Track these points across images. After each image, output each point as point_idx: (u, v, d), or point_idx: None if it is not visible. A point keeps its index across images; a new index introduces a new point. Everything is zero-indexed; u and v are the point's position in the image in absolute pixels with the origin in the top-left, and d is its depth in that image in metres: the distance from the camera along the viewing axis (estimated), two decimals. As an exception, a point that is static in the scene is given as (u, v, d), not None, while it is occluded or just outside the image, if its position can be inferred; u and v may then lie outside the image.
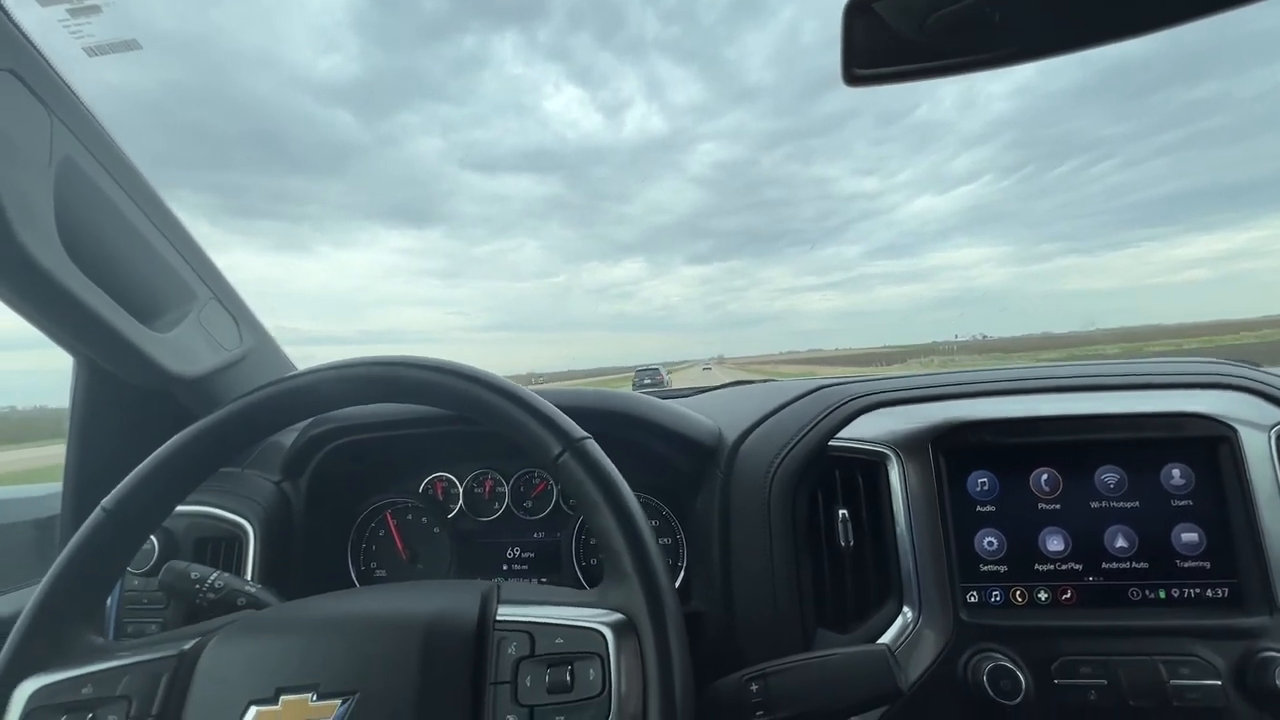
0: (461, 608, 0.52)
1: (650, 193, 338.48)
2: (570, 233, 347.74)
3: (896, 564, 0.75)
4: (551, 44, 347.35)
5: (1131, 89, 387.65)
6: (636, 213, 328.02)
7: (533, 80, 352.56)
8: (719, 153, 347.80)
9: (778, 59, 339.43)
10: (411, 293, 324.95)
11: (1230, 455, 0.72)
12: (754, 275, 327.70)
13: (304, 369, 0.63)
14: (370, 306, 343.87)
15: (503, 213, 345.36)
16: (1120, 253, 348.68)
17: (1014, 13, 0.57)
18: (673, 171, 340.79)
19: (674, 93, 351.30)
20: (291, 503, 0.95)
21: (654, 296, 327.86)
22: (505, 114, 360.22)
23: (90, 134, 0.75)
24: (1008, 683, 0.65)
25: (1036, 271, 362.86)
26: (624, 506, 0.53)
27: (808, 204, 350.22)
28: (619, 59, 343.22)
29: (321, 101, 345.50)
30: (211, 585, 0.70)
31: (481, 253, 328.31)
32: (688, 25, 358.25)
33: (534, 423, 0.57)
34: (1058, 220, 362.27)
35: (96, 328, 0.75)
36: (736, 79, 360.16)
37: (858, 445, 0.79)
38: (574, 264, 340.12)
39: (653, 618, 0.50)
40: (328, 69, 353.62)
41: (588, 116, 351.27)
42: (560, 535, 0.99)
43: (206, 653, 0.51)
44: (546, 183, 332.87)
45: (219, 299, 0.97)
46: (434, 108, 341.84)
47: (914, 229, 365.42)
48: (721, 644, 0.79)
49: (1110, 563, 0.73)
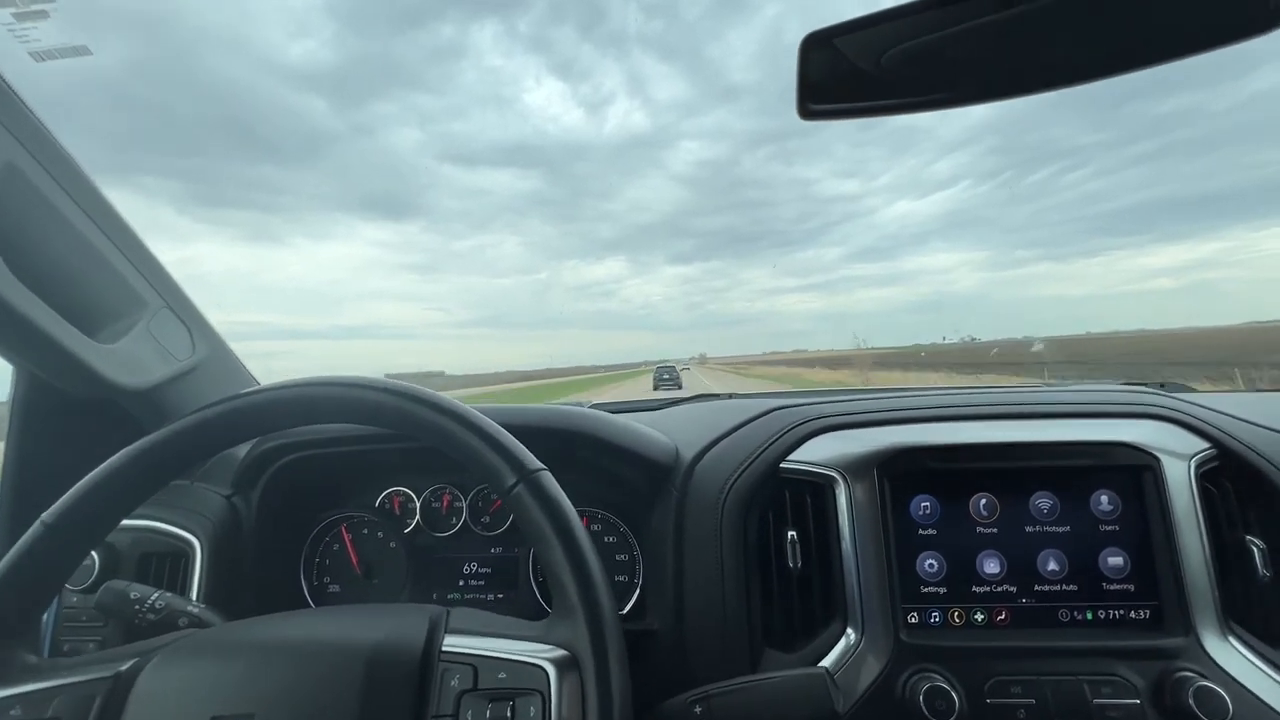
0: (407, 636, 0.52)
1: (632, 190, 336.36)
2: (551, 229, 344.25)
3: (841, 585, 0.77)
4: (532, 35, 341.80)
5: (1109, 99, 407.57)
6: (618, 210, 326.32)
7: (513, 72, 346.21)
8: (702, 151, 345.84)
9: (761, 58, 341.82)
10: (389, 287, 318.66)
11: (1154, 483, 0.76)
12: (735, 276, 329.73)
13: (259, 386, 0.63)
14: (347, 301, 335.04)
15: (483, 207, 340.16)
16: (1092, 260, 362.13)
17: (969, 54, 0.60)
18: (655, 169, 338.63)
19: (657, 89, 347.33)
20: (242, 517, 0.93)
21: (635, 295, 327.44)
22: (485, 106, 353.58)
23: (35, 140, 0.73)
24: (942, 703, 0.68)
25: (1010, 277, 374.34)
26: (574, 541, 0.54)
27: (789, 205, 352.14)
28: (601, 53, 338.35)
29: (294, 87, 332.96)
30: (151, 606, 0.69)
31: (461, 248, 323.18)
32: (671, 20, 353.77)
33: (489, 451, 0.57)
34: (1033, 227, 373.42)
35: (35, 339, 0.73)
36: (720, 77, 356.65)
37: (808, 468, 0.81)
38: (555, 261, 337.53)
39: (596, 656, 0.50)
40: (300, 54, 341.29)
41: (569, 111, 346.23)
42: (518, 551, 0.99)
43: (143, 676, 0.50)
44: (527, 178, 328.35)
45: (171, 307, 0.94)
46: (411, 97, 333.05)
47: (893, 233, 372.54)
48: (672, 662, 0.80)
49: (1042, 585, 0.76)
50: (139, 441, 0.59)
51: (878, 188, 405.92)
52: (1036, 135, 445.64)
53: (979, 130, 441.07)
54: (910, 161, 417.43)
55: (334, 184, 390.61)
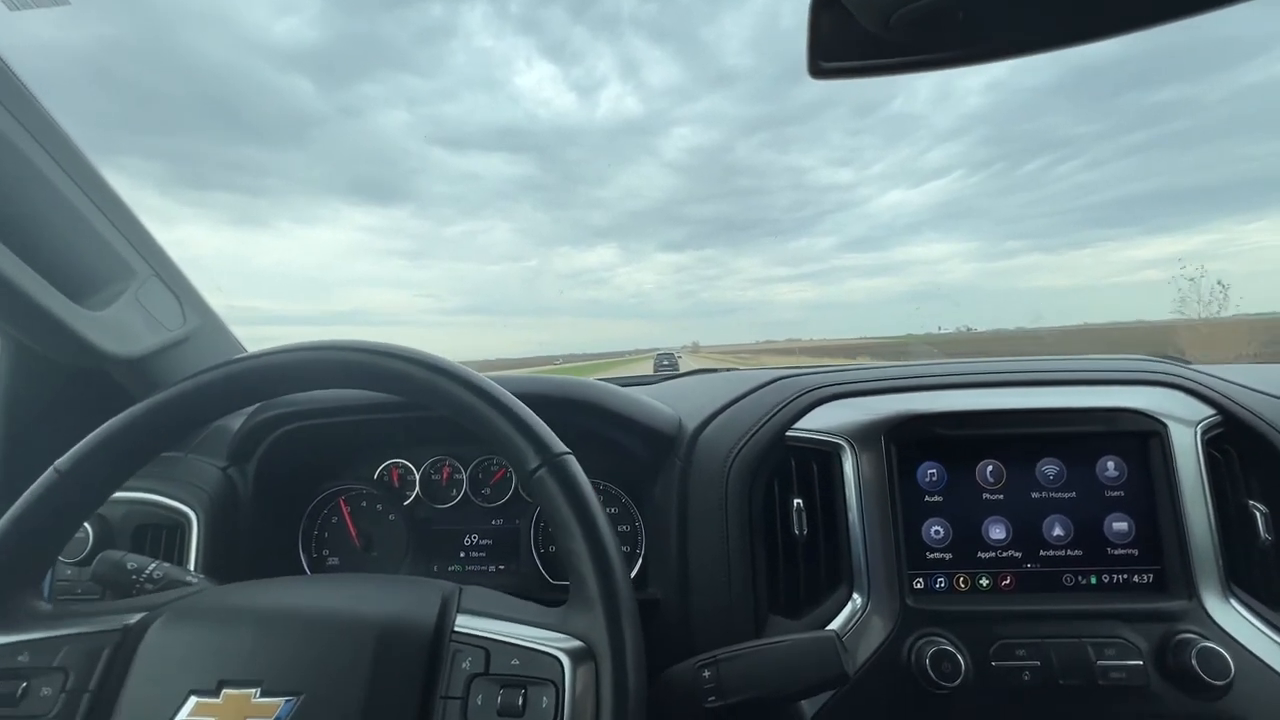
0: (419, 613, 0.51)
1: (625, 177, 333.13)
2: (543, 216, 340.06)
3: (848, 552, 0.77)
4: (523, 16, 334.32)
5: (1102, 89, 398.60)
6: (611, 197, 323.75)
7: (504, 54, 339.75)
8: (695, 138, 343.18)
9: (756, 42, 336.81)
10: (378, 273, 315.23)
11: (1160, 449, 0.76)
12: (728, 264, 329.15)
13: (274, 346, 0.60)
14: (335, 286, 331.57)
15: (473, 193, 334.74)
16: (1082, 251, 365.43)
17: (979, 12, 0.58)
18: (648, 155, 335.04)
19: (650, 73, 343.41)
20: (238, 489, 0.92)
21: (627, 283, 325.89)
22: (475, 88, 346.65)
23: (18, 103, 0.70)
24: (948, 665, 0.68)
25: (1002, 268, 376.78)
26: (596, 531, 0.52)
27: (782, 193, 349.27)
28: (594, 35, 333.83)
29: (279, 67, 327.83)
30: (149, 576, 0.68)
31: (451, 234, 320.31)
32: (665, 3, 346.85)
33: (514, 431, 0.55)
34: (1024, 218, 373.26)
35: (21, 305, 0.71)
36: (714, 62, 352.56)
37: (814, 435, 0.81)
38: (546, 248, 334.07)
39: (614, 651, 0.48)
40: (285, 32, 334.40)
41: (561, 95, 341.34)
42: (519, 522, 0.98)
43: (151, 632, 0.49)
44: (518, 163, 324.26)
45: (160, 276, 0.92)
46: (399, 78, 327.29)
47: (886, 222, 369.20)
48: (676, 630, 0.80)
49: (1047, 550, 0.76)
50: (151, 398, 0.57)
51: (871, 176, 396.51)
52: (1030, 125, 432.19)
53: (972, 119, 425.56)
54: (905, 150, 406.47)
55: (320, 167, 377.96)
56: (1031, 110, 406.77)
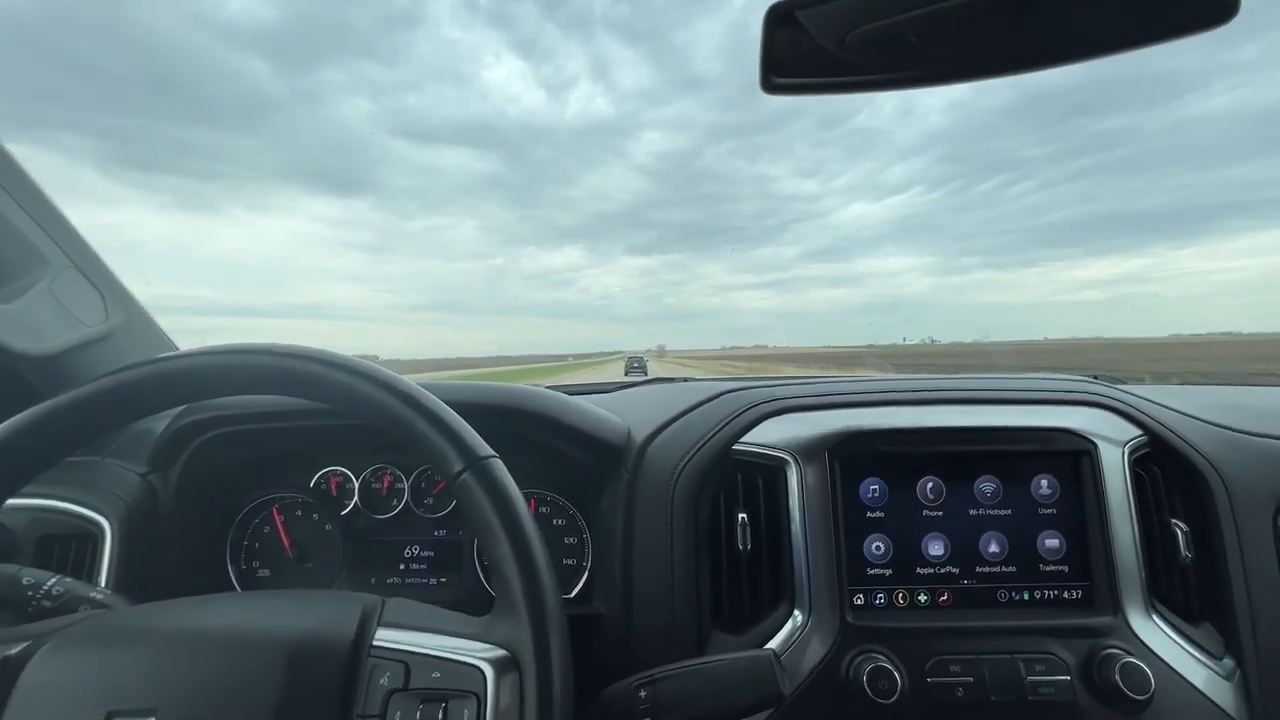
0: (336, 629, 0.48)
1: (593, 178, 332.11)
2: (509, 214, 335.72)
3: (790, 567, 0.77)
4: (493, 9, 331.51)
5: (1053, 114, 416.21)
6: (578, 198, 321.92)
7: (472, 47, 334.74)
8: (664, 142, 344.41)
9: (728, 49, 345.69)
10: (337, 266, 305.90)
11: (1090, 468, 0.78)
12: (693, 270, 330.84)
13: (189, 349, 0.57)
14: (292, 278, 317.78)
15: (437, 187, 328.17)
16: (1030, 270, 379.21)
17: (931, 37, 0.59)
18: (617, 158, 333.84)
19: (621, 75, 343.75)
20: (160, 497, 0.86)
21: (593, 285, 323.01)
22: (441, 81, 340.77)
23: None
24: (885, 683, 0.68)
25: (955, 283, 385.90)
26: (521, 535, 0.50)
27: (749, 201, 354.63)
28: (565, 33, 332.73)
29: (231, 45, 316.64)
30: (48, 592, 0.62)
31: (414, 228, 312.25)
32: (637, 4, 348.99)
33: (437, 435, 0.53)
34: (979, 235, 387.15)
35: None
36: (685, 66, 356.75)
37: (760, 450, 0.81)
38: (512, 247, 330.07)
39: (538, 658, 0.47)
40: (239, 9, 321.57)
41: (530, 92, 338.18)
42: (463, 534, 0.96)
43: (34, 661, 0.45)
44: (485, 159, 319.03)
45: (78, 268, 0.86)
46: (361, 65, 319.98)
47: (848, 234, 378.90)
48: (618, 646, 0.79)
49: (984, 566, 0.78)
50: (56, 398, 0.53)
51: (836, 188, 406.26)
52: (987, 145, 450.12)
53: (933, 137, 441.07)
54: (868, 164, 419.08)
55: (277, 153, 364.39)
56: (989, 131, 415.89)
